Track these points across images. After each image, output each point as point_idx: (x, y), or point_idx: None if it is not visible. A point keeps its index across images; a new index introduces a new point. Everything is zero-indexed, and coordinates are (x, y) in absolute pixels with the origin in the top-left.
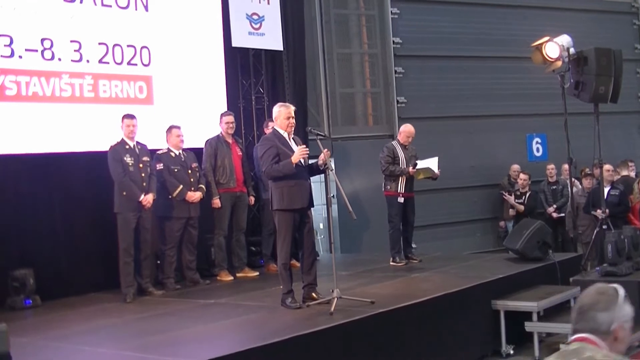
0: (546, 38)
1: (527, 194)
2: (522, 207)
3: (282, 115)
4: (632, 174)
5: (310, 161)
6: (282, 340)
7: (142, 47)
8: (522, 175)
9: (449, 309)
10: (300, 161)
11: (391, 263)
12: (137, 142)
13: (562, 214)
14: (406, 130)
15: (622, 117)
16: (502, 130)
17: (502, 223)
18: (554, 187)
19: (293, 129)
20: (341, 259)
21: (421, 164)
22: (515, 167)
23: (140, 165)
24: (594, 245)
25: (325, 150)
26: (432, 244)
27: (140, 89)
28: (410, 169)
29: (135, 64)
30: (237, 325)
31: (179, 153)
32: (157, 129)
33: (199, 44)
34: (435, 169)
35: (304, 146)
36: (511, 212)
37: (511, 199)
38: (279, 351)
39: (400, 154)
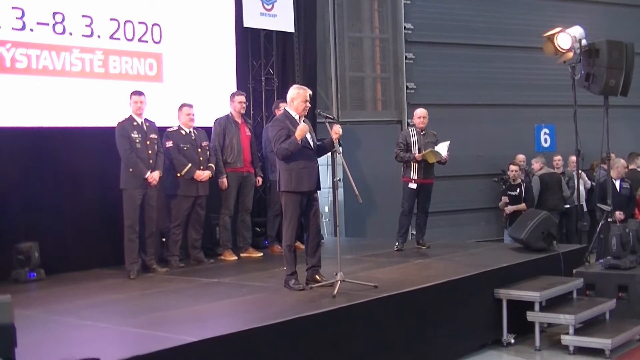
0: (558, 29)
1: (523, 186)
2: (523, 206)
3: (300, 98)
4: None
5: (319, 141)
6: (284, 322)
7: (154, 25)
8: (511, 167)
9: (452, 296)
10: (309, 143)
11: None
12: (145, 119)
13: (568, 206)
14: (416, 112)
15: (631, 110)
16: (511, 119)
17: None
18: (560, 178)
19: (306, 113)
20: (346, 242)
21: (431, 150)
22: (521, 157)
23: (148, 142)
24: (598, 238)
25: (338, 127)
26: (437, 231)
27: (151, 66)
28: (417, 155)
29: (146, 41)
30: (239, 304)
31: (190, 131)
32: (166, 107)
33: (211, 23)
34: (444, 153)
35: (304, 121)
36: (508, 208)
37: (505, 200)
38: (281, 332)
39: (414, 140)
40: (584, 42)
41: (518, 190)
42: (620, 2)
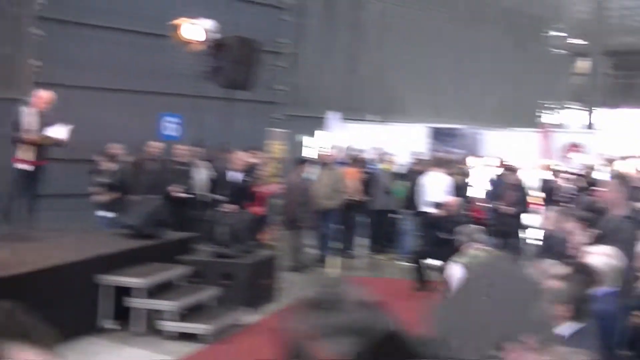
0: (188, 19)
1: (117, 174)
2: (115, 194)
3: None
4: (258, 162)
5: None
6: None
7: None
8: (100, 154)
9: (53, 281)
10: None
11: None
12: None
13: (190, 195)
14: (41, 94)
15: (255, 105)
16: (137, 106)
17: None
18: (182, 167)
19: None
20: None
21: (50, 131)
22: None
23: None
24: (209, 226)
25: None
26: (54, 214)
27: None
28: (30, 137)
29: None
30: None
31: None
32: None
33: None
34: (64, 136)
35: None
36: (99, 197)
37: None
38: None
39: (31, 120)
40: (214, 35)
41: (108, 177)
42: (259, 1)
